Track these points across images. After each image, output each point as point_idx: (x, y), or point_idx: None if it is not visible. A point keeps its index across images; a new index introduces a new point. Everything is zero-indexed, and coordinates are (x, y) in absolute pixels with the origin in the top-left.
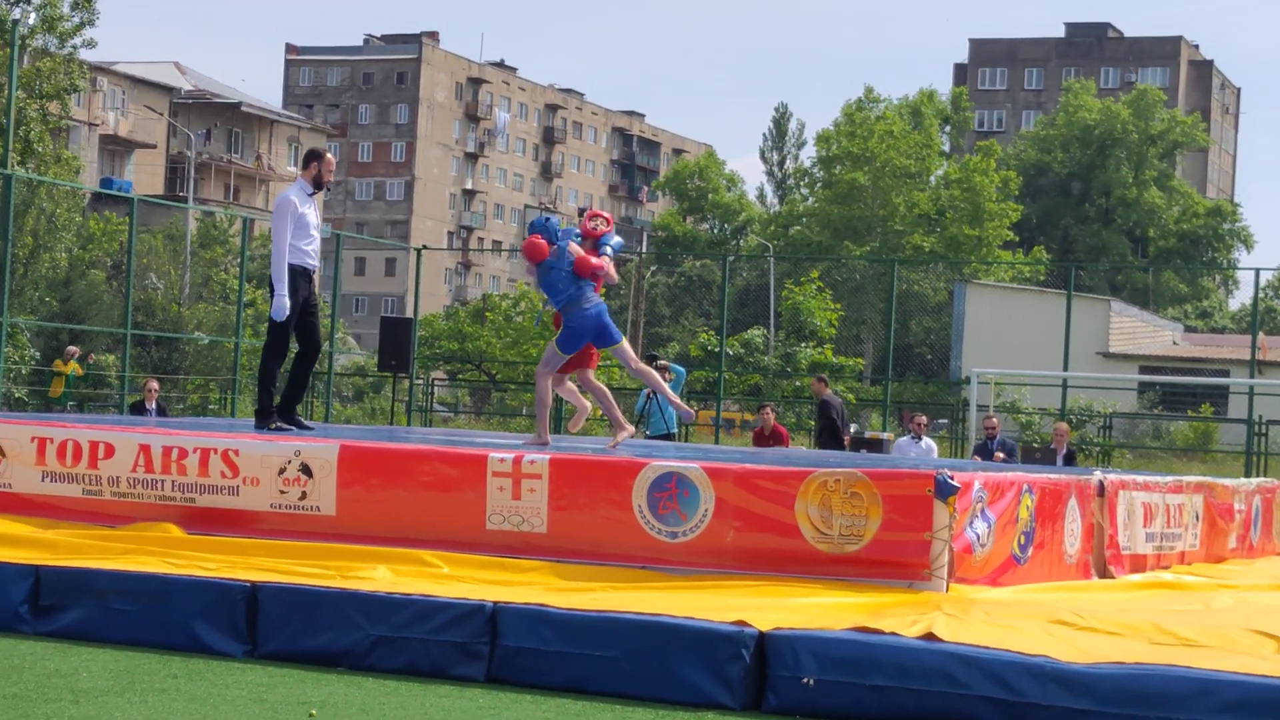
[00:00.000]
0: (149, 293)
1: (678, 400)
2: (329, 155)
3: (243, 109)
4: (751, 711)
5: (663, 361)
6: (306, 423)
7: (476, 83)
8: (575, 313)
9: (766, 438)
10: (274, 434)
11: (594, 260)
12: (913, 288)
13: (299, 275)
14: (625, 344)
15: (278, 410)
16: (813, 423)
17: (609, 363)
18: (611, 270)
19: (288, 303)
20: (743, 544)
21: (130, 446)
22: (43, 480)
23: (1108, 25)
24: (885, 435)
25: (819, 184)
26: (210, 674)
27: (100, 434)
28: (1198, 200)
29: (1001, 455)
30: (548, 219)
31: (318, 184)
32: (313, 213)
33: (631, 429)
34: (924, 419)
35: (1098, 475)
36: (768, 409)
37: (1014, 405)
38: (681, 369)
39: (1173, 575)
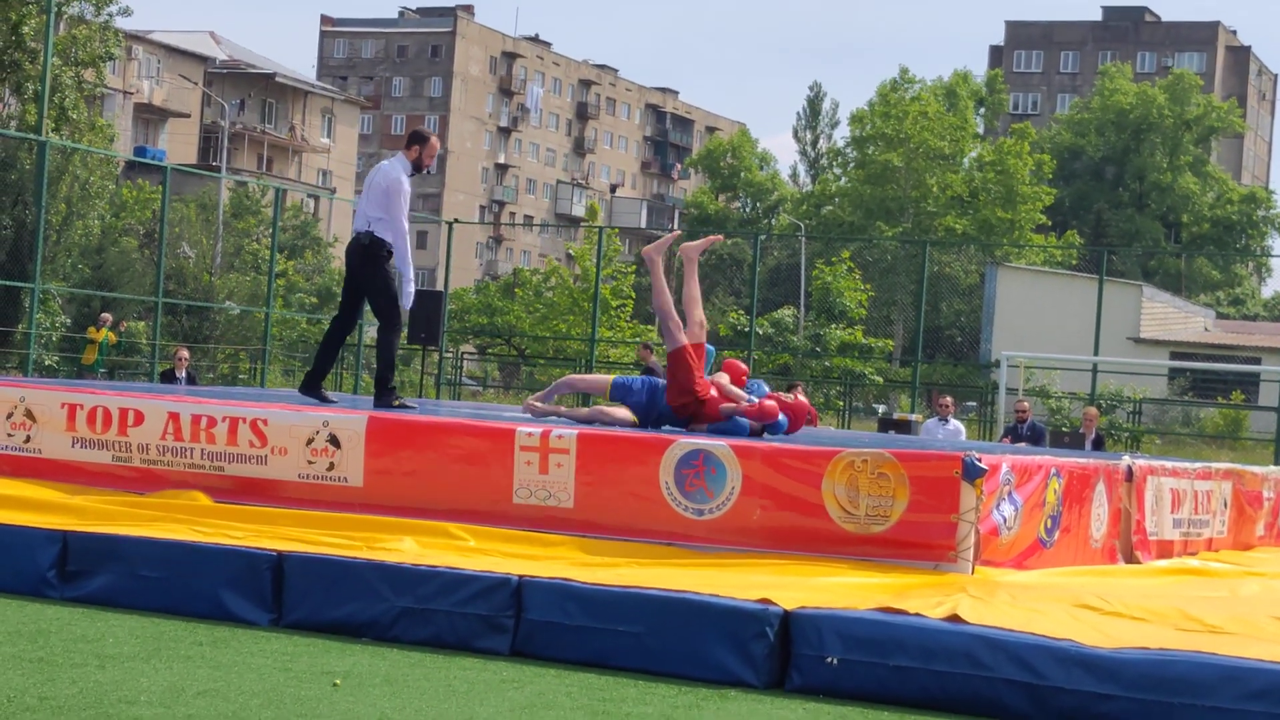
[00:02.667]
0: (181, 261)
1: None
2: (434, 139)
3: (277, 80)
4: (775, 690)
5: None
6: (331, 396)
7: (510, 57)
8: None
9: None
10: (397, 411)
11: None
12: (944, 270)
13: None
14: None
15: (304, 384)
16: (840, 402)
17: (637, 339)
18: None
19: (412, 289)
20: (769, 522)
21: (160, 414)
22: (72, 446)
23: (1145, 9)
24: (913, 417)
25: (852, 164)
26: (235, 642)
27: (130, 401)
28: (1232, 187)
29: (1022, 442)
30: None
31: (417, 167)
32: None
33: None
34: (950, 400)
35: (1126, 460)
36: (798, 389)
37: (1044, 389)
38: (711, 347)
39: (1199, 562)
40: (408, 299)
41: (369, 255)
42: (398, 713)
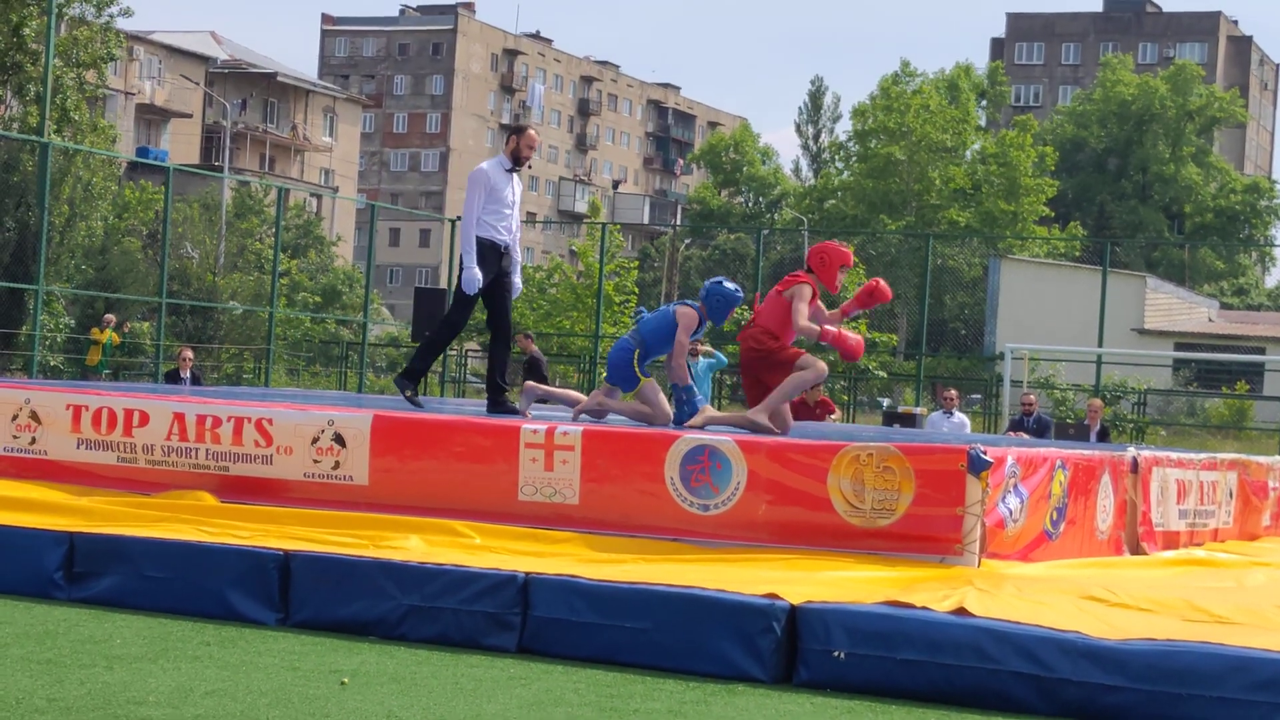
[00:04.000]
0: (184, 262)
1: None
2: (530, 130)
3: (278, 79)
4: (782, 684)
5: (706, 348)
6: (515, 405)
7: (512, 54)
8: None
9: (812, 408)
10: (407, 401)
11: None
12: (948, 263)
13: (488, 249)
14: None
15: (491, 398)
16: (845, 396)
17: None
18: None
19: (478, 274)
20: (775, 517)
21: (165, 414)
22: (78, 447)
23: (1146, 0)
24: (918, 410)
25: (854, 158)
26: (243, 641)
27: (135, 402)
28: (1235, 177)
29: (1025, 434)
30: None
31: (516, 159)
32: (510, 190)
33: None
34: (955, 393)
35: (1131, 452)
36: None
37: (1048, 381)
38: (723, 359)
39: (1206, 552)
40: (468, 284)
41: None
42: (405, 711)
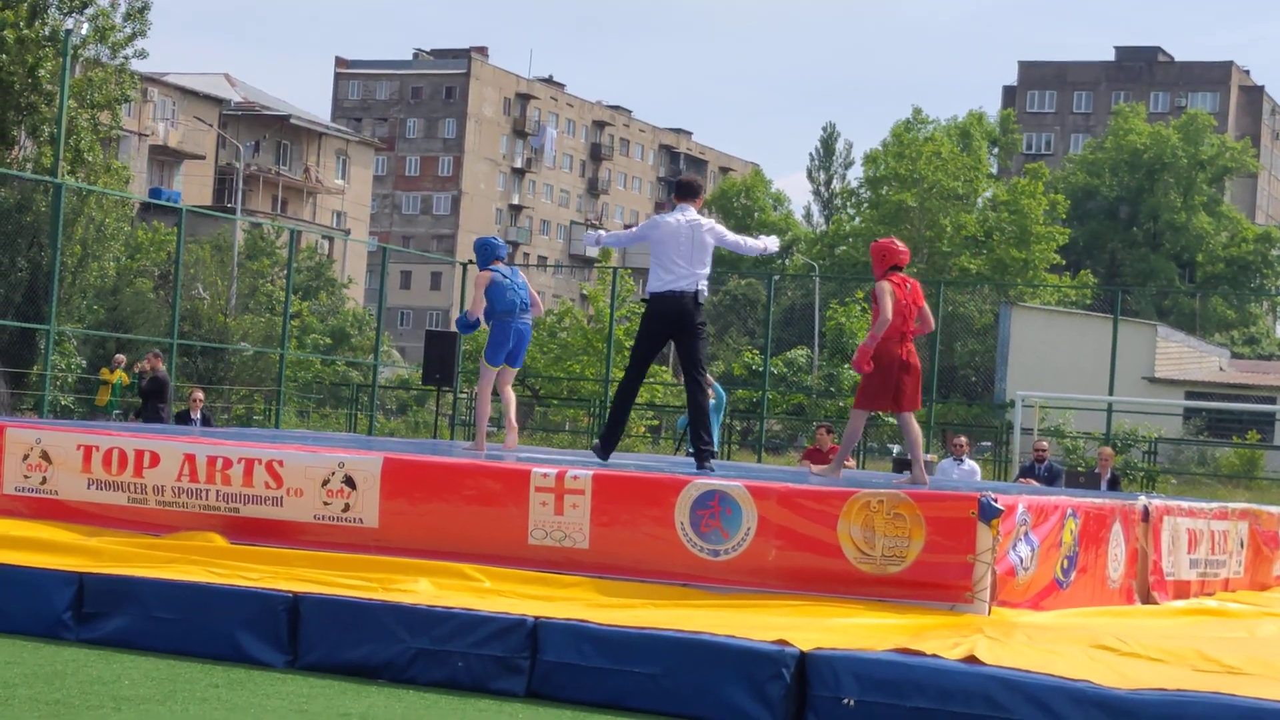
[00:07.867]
0: (195, 303)
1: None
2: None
3: (291, 121)
4: None
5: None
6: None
7: (525, 98)
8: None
9: (824, 456)
10: (706, 474)
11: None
12: (959, 310)
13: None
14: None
15: (697, 449)
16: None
17: (651, 379)
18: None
19: None
20: (784, 563)
21: (175, 456)
22: (88, 488)
23: (1158, 49)
24: (929, 457)
25: (866, 204)
26: (251, 684)
27: (146, 443)
28: (1246, 226)
29: (1035, 481)
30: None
31: None
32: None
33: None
34: (965, 440)
35: (1142, 500)
36: (824, 429)
37: (1058, 429)
38: (722, 392)
39: (1217, 602)
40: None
41: (701, 311)
42: None
